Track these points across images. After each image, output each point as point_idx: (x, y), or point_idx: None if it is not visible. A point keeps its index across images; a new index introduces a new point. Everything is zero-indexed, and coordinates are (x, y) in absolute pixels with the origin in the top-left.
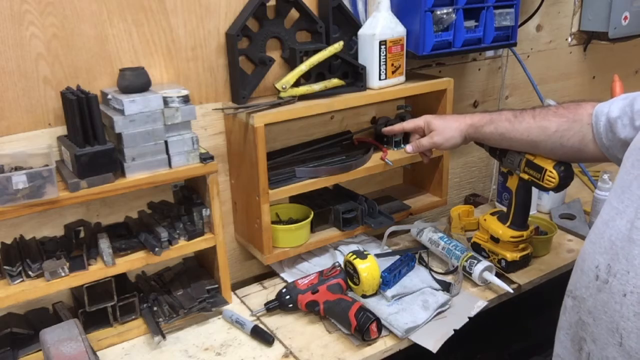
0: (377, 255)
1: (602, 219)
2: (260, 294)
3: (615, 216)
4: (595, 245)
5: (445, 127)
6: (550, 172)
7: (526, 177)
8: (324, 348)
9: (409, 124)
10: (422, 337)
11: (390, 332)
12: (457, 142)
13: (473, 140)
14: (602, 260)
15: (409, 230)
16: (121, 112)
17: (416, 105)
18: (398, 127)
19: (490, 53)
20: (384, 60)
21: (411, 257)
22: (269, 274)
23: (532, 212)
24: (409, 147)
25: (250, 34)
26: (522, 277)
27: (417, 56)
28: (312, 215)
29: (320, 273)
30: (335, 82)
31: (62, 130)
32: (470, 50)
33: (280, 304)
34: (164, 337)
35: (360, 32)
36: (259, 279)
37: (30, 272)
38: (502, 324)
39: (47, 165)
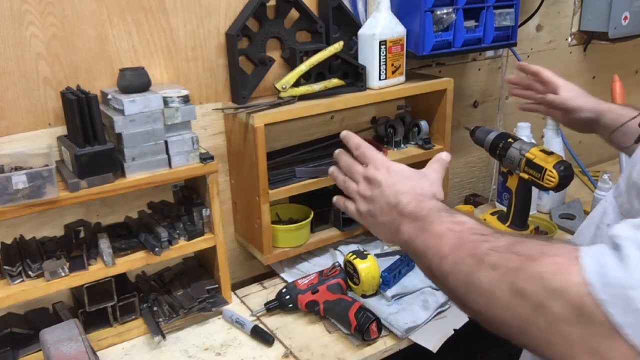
0: (377, 255)
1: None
2: (260, 294)
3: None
4: (577, 238)
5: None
6: (550, 171)
7: (526, 176)
8: (324, 348)
9: (547, 72)
10: (422, 337)
11: (390, 332)
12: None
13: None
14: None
15: None
16: (121, 112)
17: (416, 105)
18: (535, 67)
19: (490, 53)
20: (384, 60)
21: None
22: (269, 274)
23: (532, 212)
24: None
25: (250, 34)
26: None
27: (417, 56)
28: (312, 215)
29: (320, 273)
30: (335, 82)
31: (62, 130)
32: (470, 50)
33: (280, 304)
34: (164, 337)
35: (360, 32)
36: (259, 279)
37: (30, 272)
38: None
39: (47, 165)
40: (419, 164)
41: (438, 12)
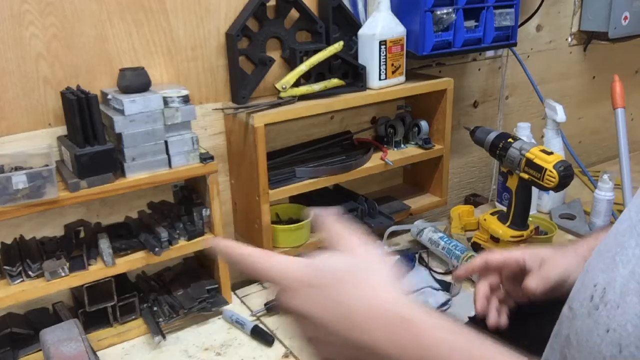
0: None
1: (616, 229)
2: (260, 294)
3: (627, 232)
4: (601, 257)
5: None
6: (551, 171)
7: (526, 176)
8: None
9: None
10: None
11: None
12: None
13: None
14: (601, 280)
15: (409, 230)
16: (121, 112)
17: (416, 105)
18: (495, 257)
19: (490, 53)
20: (384, 60)
21: (411, 257)
22: None
23: (532, 212)
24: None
25: (250, 34)
26: None
27: (417, 56)
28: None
29: None
30: (335, 82)
31: (62, 130)
32: (470, 50)
33: None
34: (164, 337)
35: (360, 32)
36: None
37: (30, 272)
38: None
39: (47, 165)
40: (418, 164)
41: (438, 12)
